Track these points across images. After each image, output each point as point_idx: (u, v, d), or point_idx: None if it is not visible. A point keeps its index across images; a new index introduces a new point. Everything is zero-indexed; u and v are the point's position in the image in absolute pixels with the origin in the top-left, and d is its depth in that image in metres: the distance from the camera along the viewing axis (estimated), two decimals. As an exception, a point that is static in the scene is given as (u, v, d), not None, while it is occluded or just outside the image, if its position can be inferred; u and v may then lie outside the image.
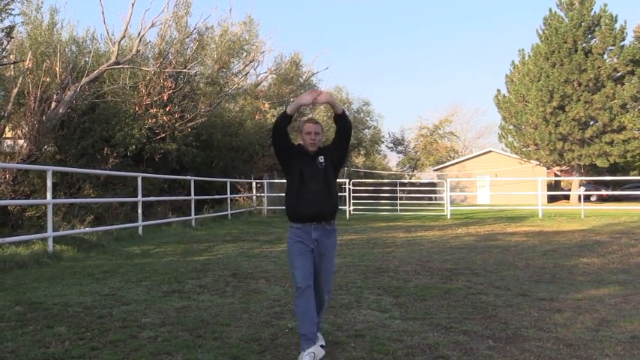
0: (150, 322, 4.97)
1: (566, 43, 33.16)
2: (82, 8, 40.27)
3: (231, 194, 19.73)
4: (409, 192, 36.51)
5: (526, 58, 36.58)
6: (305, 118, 4.20)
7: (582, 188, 28.59)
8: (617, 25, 33.24)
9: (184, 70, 18.17)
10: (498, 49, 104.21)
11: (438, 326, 4.76)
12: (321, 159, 4.25)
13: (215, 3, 57.72)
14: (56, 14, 16.21)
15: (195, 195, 16.32)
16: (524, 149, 36.73)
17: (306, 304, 4.02)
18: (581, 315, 5.12)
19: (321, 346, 4.14)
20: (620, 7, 73.81)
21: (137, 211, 12.98)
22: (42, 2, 16.80)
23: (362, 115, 48.09)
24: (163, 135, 17.27)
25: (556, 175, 42.09)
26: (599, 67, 32.36)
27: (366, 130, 49.78)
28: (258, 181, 22.79)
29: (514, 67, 37.79)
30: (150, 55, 19.15)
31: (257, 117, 24.16)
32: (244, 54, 24.67)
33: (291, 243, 4.19)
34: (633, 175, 38.35)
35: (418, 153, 57.30)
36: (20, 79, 13.11)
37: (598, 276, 7.21)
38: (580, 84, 32.74)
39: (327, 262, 4.24)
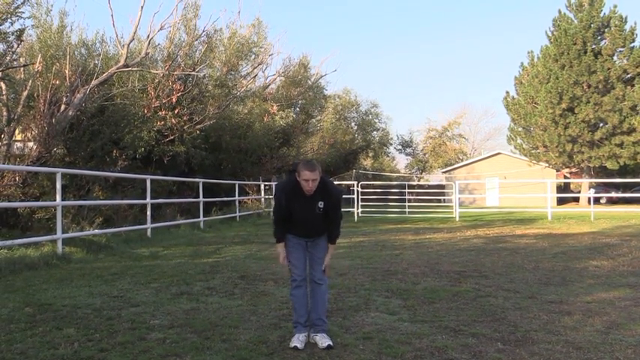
0: (158, 323, 4.98)
1: (575, 44, 32.97)
2: (91, 11, 40.62)
3: (239, 196, 19.76)
4: (418, 194, 36.47)
5: (535, 59, 36.35)
6: (302, 161, 4.17)
7: (592, 190, 28.38)
8: (627, 27, 32.99)
9: (193, 73, 18.21)
10: (507, 50, 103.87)
11: (447, 329, 4.75)
12: (320, 204, 4.38)
13: (224, 5, 57.96)
14: (66, 17, 16.35)
15: (203, 197, 16.35)
16: (533, 151, 36.50)
17: (302, 294, 4.49)
18: (591, 318, 5.09)
19: (329, 347, 4.21)
20: (630, 8, 73.37)
21: (146, 213, 13.02)
22: (52, 5, 16.98)
23: (370, 117, 48.11)
24: (172, 137, 17.33)
25: (565, 177, 41.83)
26: (608, 69, 32.12)
27: (375, 132, 49.80)
28: (266, 183, 22.82)
29: (523, 69, 37.58)
30: (159, 58, 19.23)
31: (265, 119, 24.19)
32: (253, 56, 24.73)
33: (288, 237, 4.56)
34: (644, 178, 38.04)
35: (427, 155, 57.27)
36: (30, 81, 13.18)
37: (608, 279, 7.16)
38: (589, 86, 32.52)
39: (317, 250, 4.54)
